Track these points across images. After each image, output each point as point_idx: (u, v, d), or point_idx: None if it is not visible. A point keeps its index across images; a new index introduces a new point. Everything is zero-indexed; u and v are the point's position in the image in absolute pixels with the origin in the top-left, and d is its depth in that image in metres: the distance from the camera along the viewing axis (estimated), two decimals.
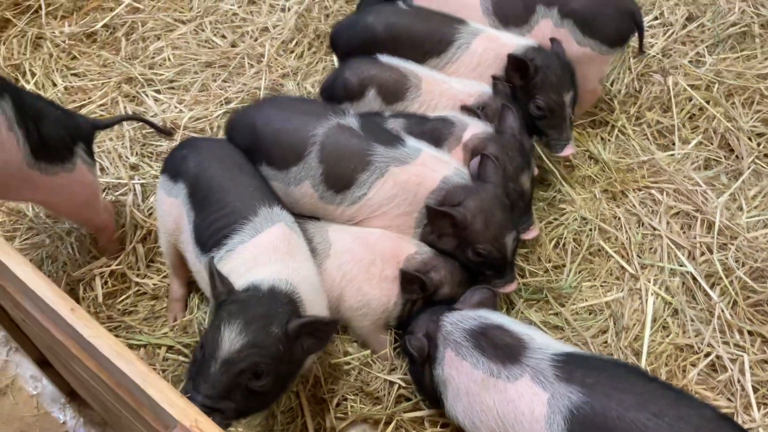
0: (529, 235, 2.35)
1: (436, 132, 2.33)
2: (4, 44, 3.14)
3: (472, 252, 2.13)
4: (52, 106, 2.21)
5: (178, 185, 2.09)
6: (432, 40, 2.56)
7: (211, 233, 1.95)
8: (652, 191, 2.65)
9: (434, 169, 2.14)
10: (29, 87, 2.96)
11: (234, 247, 1.91)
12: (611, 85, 3.01)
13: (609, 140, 2.84)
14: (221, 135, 2.76)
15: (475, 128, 2.33)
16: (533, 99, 2.47)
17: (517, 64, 2.44)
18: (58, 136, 2.14)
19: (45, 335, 1.54)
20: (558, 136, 2.51)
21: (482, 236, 2.10)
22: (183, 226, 2.07)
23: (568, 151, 2.53)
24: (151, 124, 2.56)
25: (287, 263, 1.87)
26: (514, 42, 2.53)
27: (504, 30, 2.63)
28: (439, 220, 2.11)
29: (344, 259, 2.13)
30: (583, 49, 2.59)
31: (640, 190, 2.66)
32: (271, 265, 1.85)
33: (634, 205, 2.62)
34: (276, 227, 1.94)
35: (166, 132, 2.65)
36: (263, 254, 1.88)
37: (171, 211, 2.12)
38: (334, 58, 2.99)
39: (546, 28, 2.62)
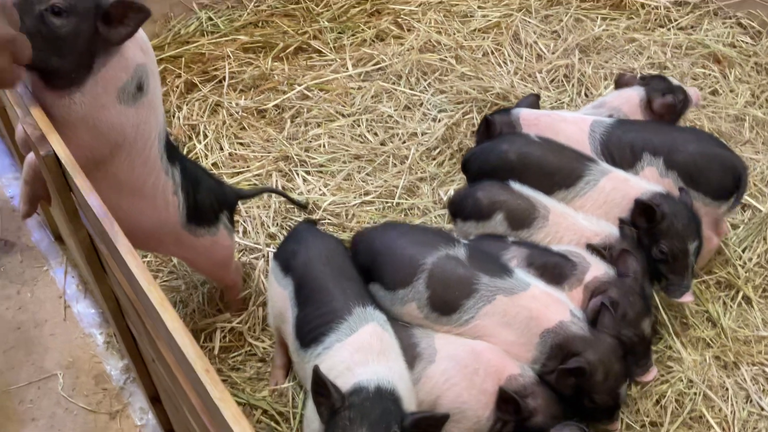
0: (647, 377, 2.35)
1: (558, 268, 2.38)
2: (186, 105, 3.54)
3: (587, 399, 2.17)
4: (206, 175, 2.46)
5: (287, 278, 2.26)
6: (562, 173, 2.64)
7: (310, 329, 2.09)
8: (767, 369, 2.57)
9: (548, 306, 2.20)
10: (200, 146, 3.32)
11: (331, 345, 2.02)
12: (743, 251, 2.97)
13: (731, 306, 2.78)
14: (355, 222, 2.99)
15: (597, 270, 2.37)
16: (657, 243, 2.49)
17: (644, 209, 2.48)
18: (208, 203, 2.37)
19: (171, 381, 1.72)
20: (678, 282, 2.52)
21: (600, 388, 2.14)
22: (287, 317, 2.23)
23: (686, 298, 2.52)
24: (288, 198, 2.81)
25: (383, 363, 1.97)
26: (642, 186, 2.58)
27: None
28: (564, 373, 2.15)
29: (450, 364, 2.18)
30: None
31: (754, 365, 2.59)
32: (370, 365, 1.94)
33: (745, 379, 2.55)
34: (369, 326, 2.04)
35: (302, 206, 2.89)
36: (359, 353, 1.98)
37: (279, 299, 2.29)
38: None
39: (651, 176, 2.67)
